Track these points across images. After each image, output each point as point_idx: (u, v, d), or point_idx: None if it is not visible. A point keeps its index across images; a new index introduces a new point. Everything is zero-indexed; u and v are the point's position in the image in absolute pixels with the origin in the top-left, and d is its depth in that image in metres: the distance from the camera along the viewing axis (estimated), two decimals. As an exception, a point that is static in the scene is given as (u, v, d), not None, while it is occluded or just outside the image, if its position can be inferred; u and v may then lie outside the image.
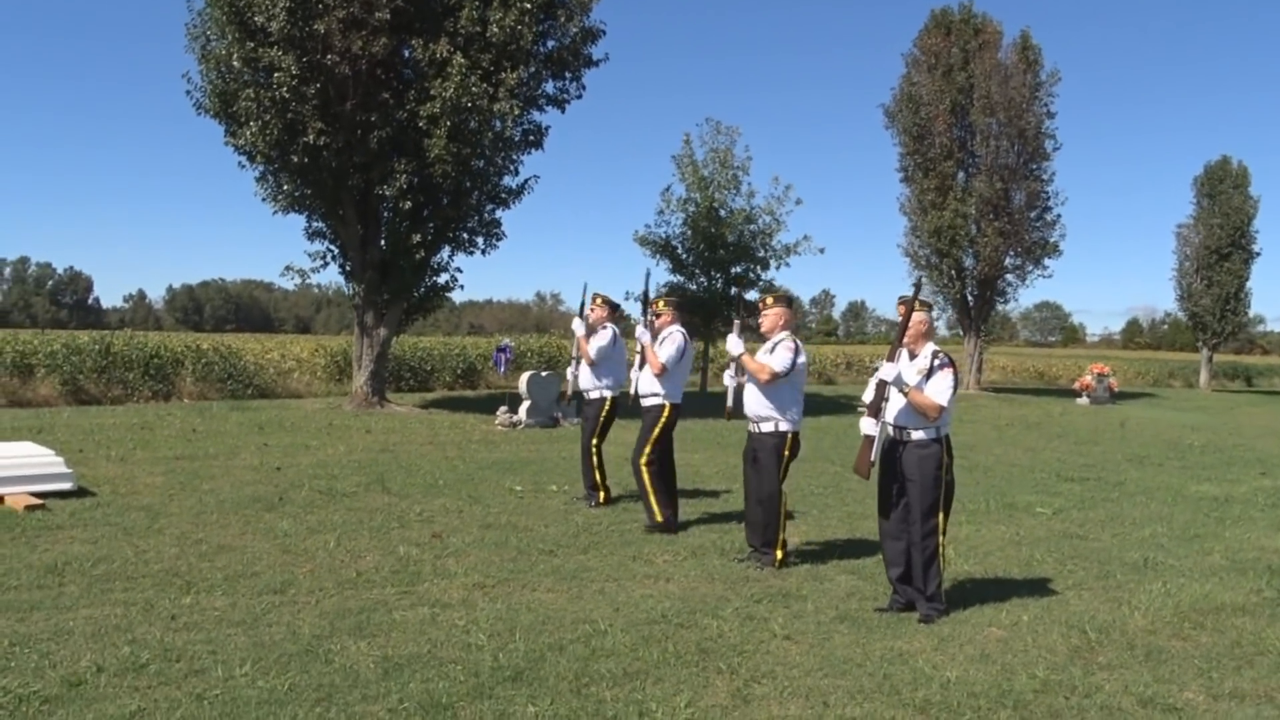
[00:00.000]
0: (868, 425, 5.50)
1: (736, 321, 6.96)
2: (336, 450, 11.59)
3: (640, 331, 7.91)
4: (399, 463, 10.74)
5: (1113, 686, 4.50)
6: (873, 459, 5.50)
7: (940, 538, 5.48)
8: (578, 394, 8.89)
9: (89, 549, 6.37)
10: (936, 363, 5.44)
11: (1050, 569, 6.75)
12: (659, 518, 7.53)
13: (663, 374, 7.67)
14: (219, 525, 7.26)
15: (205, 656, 4.47)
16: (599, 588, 5.88)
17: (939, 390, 5.38)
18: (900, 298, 5.75)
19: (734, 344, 6.62)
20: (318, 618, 5.10)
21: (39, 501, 7.55)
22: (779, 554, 6.51)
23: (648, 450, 7.64)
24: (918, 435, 5.45)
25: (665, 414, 7.67)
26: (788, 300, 6.79)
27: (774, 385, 6.42)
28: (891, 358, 5.47)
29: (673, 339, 7.78)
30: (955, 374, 5.45)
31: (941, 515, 5.49)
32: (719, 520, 8.07)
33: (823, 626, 5.24)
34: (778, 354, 6.46)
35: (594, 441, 8.53)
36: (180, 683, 4.16)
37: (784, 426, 6.47)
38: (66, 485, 8.04)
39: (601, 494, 8.52)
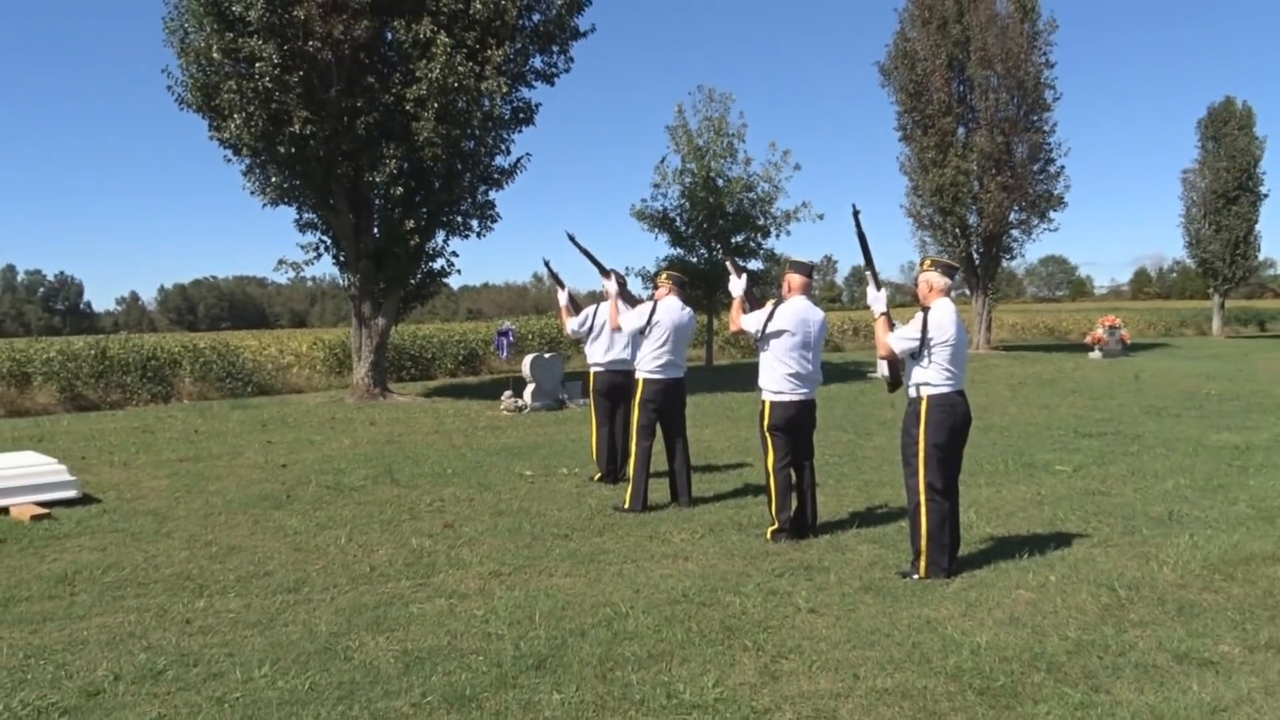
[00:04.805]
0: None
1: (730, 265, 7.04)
2: (341, 444, 11.49)
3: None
4: (406, 453, 10.64)
5: (1146, 644, 4.42)
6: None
7: (921, 498, 5.47)
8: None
9: (98, 556, 6.28)
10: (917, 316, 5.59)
11: (1074, 527, 6.66)
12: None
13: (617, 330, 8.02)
14: (228, 526, 7.17)
15: (223, 660, 4.40)
16: (617, 570, 5.79)
17: (896, 334, 5.56)
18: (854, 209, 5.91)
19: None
20: (334, 615, 5.02)
21: (45, 511, 7.46)
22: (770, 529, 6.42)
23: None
24: (911, 393, 5.59)
25: (639, 389, 7.54)
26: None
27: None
28: (877, 286, 5.86)
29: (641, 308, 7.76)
30: (923, 328, 5.45)
31: (924, 477, 5.47)
32: (735, 496, 7.96)
33: (847, 598, 5.15)
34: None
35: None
36: (199, 687, 4.08)
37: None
38: (71, 493, 7.95)
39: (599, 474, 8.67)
